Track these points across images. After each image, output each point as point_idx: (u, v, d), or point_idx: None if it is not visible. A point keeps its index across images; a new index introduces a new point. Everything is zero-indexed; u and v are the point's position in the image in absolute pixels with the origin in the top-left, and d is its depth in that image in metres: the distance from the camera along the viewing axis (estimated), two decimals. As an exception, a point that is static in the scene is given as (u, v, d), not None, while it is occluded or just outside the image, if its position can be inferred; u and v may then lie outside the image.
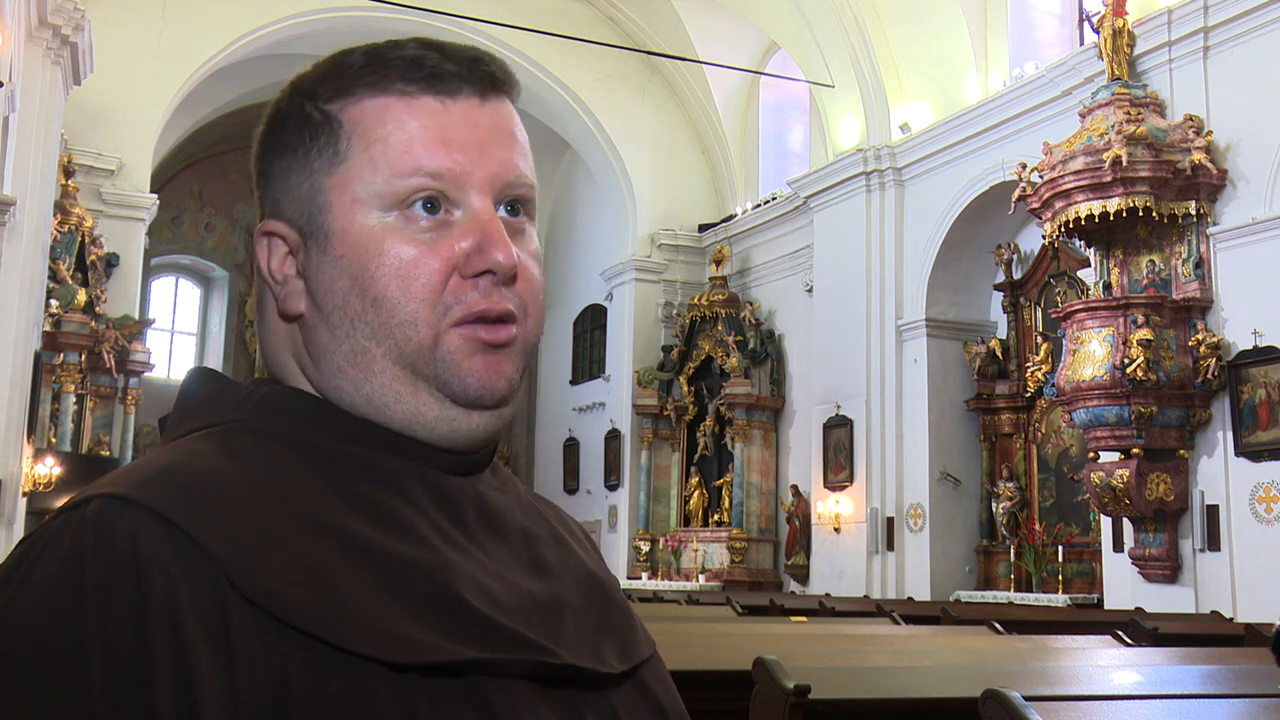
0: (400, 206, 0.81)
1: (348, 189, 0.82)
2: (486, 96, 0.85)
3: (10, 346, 10.65)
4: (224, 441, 0.79)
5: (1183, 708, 2.91)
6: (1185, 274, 9.98)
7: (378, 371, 0.81)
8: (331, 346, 0.82)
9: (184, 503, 0.71)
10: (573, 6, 18.22)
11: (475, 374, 0.81)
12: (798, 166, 17.24)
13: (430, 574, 0.75)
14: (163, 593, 0.67)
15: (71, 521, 0.70)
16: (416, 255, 0.80)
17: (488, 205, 0.83)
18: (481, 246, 0.81)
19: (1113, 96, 10.26)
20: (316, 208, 0.83)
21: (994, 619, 6.04)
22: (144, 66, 15.59)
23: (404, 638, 0.71)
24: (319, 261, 0.82)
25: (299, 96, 0.85)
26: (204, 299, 24.90)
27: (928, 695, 3.37)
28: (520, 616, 0.77)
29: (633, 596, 10.73)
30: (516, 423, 24.65)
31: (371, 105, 0.83)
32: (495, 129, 0.84)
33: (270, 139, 0.86)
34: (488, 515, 0.84)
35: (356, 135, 0.82)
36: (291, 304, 0.84)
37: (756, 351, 16.58)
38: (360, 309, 0.81)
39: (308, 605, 0.70)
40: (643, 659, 0.87)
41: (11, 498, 10.88)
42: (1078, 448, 12.22)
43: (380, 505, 0.78)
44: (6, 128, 10.34)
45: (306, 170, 0.84)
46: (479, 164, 0.82)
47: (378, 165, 0.81)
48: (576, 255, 21.14)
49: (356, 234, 0.81)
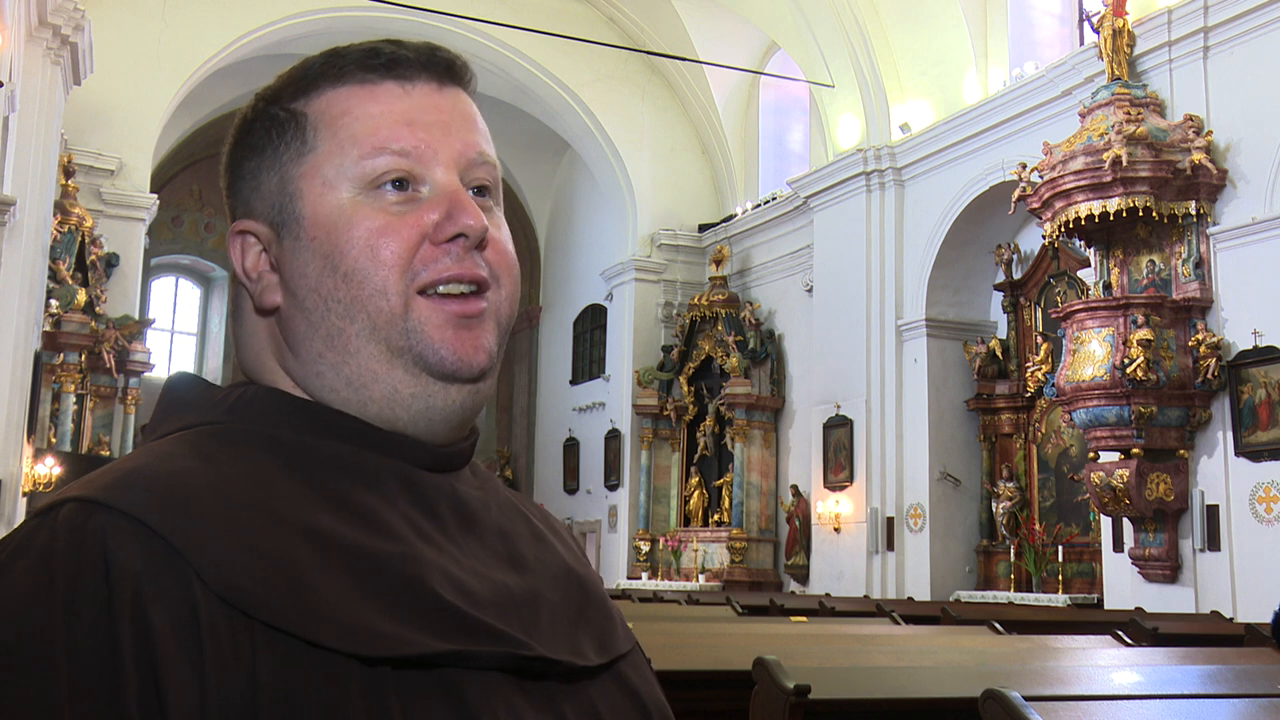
0: (370, 186, 0.83)
1: (318, 174, 0.84)
2: (444, 84, 0.87)
3: (10, 346, 10.66)
4: (196, 443, 0.80)
5: (1183, 708, 2.91)
6: (1185, 274, 9.98)
7: (354, 351, 0.82)
8: (309, 333, 0.83)
9: (154, 504, 0.71)
10: (573, 6, 18.22)
11: (449, 344, 0.82)
12: (798, 166, 17.24)
13: (402, 568, 0.75)
14: (131, 593, 0.68)
15: (44, 525, 0.71)
16: (385, 224, 0.82)
17: (454, 179, 0.84)
18: (451, 213, 0.83)
19: (1113, 96, 10.26)
20: (287, 197, 0.84)
21: (994, 619, 6.04)
22: (144, 66, 15.59)
23: (374, 631, 0.71)
24: (292, 249, 0.84)
25: (263, 103, 0.88)
26: (204, 299, 24.91)
27: (928, 695, 3.37)
28: (494, 610, 0.78)
29: (633, 596, 10.72)
30: (516, 423, 24.73)
31: (334, 95, 0.85)
32: (455, 112, 0.87)
33: (238, 147, 0.88)
34: (464, 511, 0.84)
35: (323, 124, 0.84)
36: (268, 297, 0.85)
37: (756, 351, 16.58)
38: (333, 286, 0.82)
39: (278, 601, 0.70)
40: (621, 653, 0.87)
41: (11, 498, 10.88)
42: (1078, 448, 12.22)
43: (353, 501, 0.78)
44: (6, 128, 10.34)
45: (275, 165, 0.85)
46: (443, 143, 0.85)
47: (345, 148, 0.83)
48: (576, 255, 21.14)
49: (327, 213, 0.83)
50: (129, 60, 15.37)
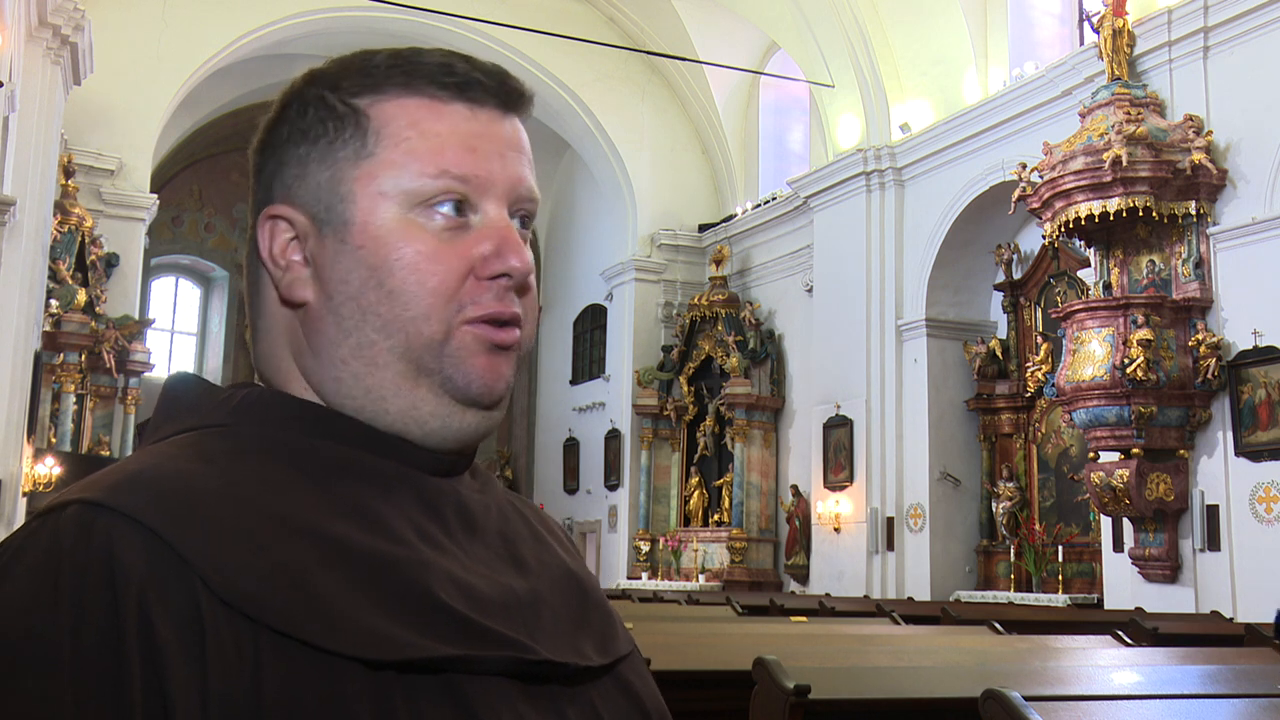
0: (424, 205, 0.82)
1: (373, 182, 0.82)
2: (507, 111, 0.87)
3: (10, 346, 10.66)
4: (199, 445, 0.80)
5: (1183, 708, 2.91)
6: (1185, 274, 9.98)
7: (381, 365, 0.81)
8: (337, 338, 0.82)
9: (158, 507, 0.71)
10: (573, 6, 18.22)
11: (479, 372, 0.82)
12: (798, 166, 17.24)
13: (407, 572, 0.75)
14: (135, 596, 0.68)
15: (48, 526, 0.71)
16: (435, 251, 0.81)
17: (504, 214, 0.84)
18: (500, 251, 0.82)
19: (1113, 96, 10.26)
20: (338, 197, 0.83)
21: (994, 619, 6.04)
22: (144, 66, 15.59)
23: (379, 635, 0.71)
24: (335, 250, 0.83)
25: (320, 87, 0.85)
26: (204, 299, 24.91)
27: (928, 695, 3.37)
28: (499, 613, 0.78)
29: (633, 596, 10.72)
30: (516, 423, 24.68)
31: (401, 104, 0.84)
32: (513, 143, 0.86)
33: (284, 126, 0.86)
34: (467, 515, 0.84)
35: (385, 132, 0.83)
36: (297, 290, 0.84)
37: (756, 351, 16.58)
38: (374, 301, 0.81)
39: (282, 604, 0.70)
40: (622, 654, 0.87)
41: (11, 498, 10.88)
42: (1078, 448, 12.22)
43: (357, 504, 0.78)
44: (6, 128, 10.34)
45: (329, 160, 0.84)
46: (501, 174, 0.84)
47: (406, 163, 0.82)
48: (576, 255, 21.14)
49: (378, 227, 0.82)
50: (129, 60, 15.37)
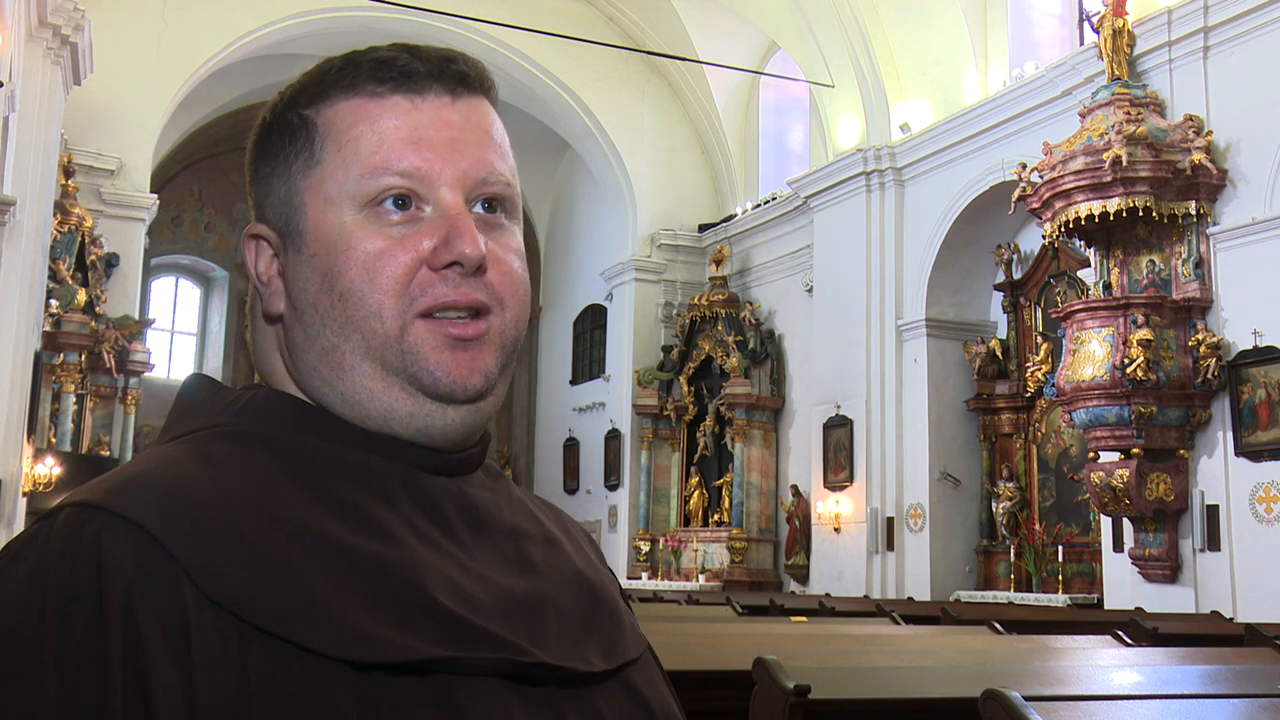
0: (371, 204, 0.82)
1: (321, 189, 0.83)
2: (458, 95, 0.86)
3: (10, 346, 10.65)
4: (200, 446, 0.80)
5: (1183, 708, 2.91)
6: (1185, 274, 9.98)
7: (348, 369, 0.82)
8: (306, 345, 0.83)
9: (151, 508, 0.72)
10: (573, 6, 18.22)
11: (445, 368, 0.82)
12: (798, 166, 17.24)
13: (399, 573, 0.75)
14: (121, 596, 0.68)
15: (43, 529, 0.72)
16: (383, 248, 0.81)
17: (458, 201, 0.83)
18: (448, 239, 0.82)
19: (1113, 96, 10.26)
20: (292, 209, 0.84)
21: (994, 619, 6.03)
22: (144, 66, 15.59)
23: (368, 636, 0.71)
24: (295, 261, 0.84)
25: (282, 105, 0.87)
26: (204, 299, 24.89)
27: (928, 695, 3.37)
28: (497, 615, 0.78)
29: (633, 596, 10.73)
30: (516, 423, 24.68)
31: (344, 107, 0.84)
32: (468, 126, 0.85)
33: (257, 146, 0.88)
34: (472, 514, 0.84)
35: (330, 137, 0.84)
36: (273, 304, 0.86)
37: (756, 351, 16.58)
38: (329, 304, 0.82)
39: (270, 604, 0.71)
40: (630, 659, 0.87)
41: (11, 498, 10.88)
42: (1078, 448, 12.21)
43: (353, 505, 0.78)
44: (6, 128, 10.34)
45: (285, 174, 0.85)
46: (449, 162, 0.83)
47: (349, 165, 0.83)
48: (576, 255, 21.14)
49: (328, 232, 0.82)
50: (129, 60, 15.37)
